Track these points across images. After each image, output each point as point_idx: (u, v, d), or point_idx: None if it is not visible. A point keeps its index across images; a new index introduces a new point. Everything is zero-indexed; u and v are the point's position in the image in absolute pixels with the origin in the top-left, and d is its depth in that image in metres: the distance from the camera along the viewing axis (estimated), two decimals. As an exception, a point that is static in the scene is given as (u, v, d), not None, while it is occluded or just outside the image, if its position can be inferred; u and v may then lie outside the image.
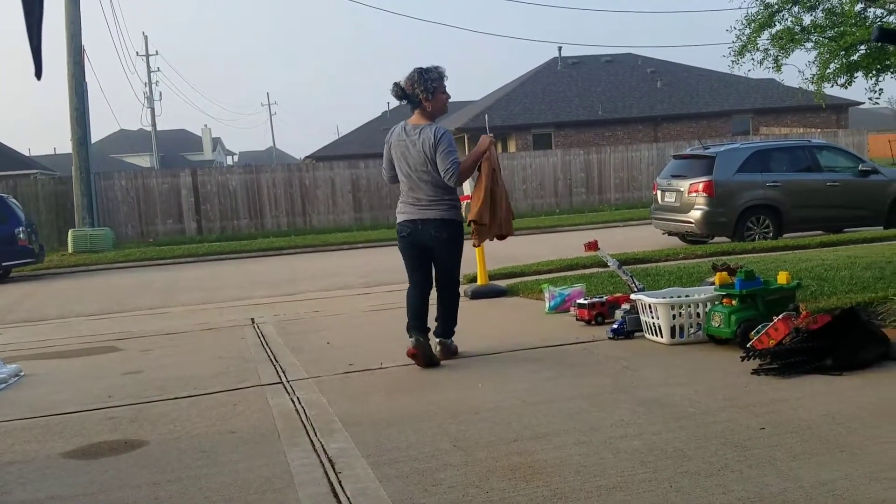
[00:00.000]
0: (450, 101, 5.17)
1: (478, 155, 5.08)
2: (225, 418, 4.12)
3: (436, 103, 4.95)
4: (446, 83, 4.99)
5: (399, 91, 4.93)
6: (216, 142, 74.28)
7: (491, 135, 5.30)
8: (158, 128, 47.98)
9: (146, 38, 66.26)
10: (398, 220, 5.19)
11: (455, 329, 5.22)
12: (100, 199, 20.90)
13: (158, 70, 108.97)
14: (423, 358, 4.89)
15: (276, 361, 5.50)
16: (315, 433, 3.74)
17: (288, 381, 4.85)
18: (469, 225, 5.15)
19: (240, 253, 17.27)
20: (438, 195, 4.96)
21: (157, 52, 79.09)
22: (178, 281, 12.81)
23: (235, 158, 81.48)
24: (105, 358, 6.15)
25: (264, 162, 56.10)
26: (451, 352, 5.17)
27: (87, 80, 19.61)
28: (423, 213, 4.99)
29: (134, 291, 11.58)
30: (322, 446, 3.54)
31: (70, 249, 18.65)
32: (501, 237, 5.30)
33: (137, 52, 53.87)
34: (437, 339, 5.11)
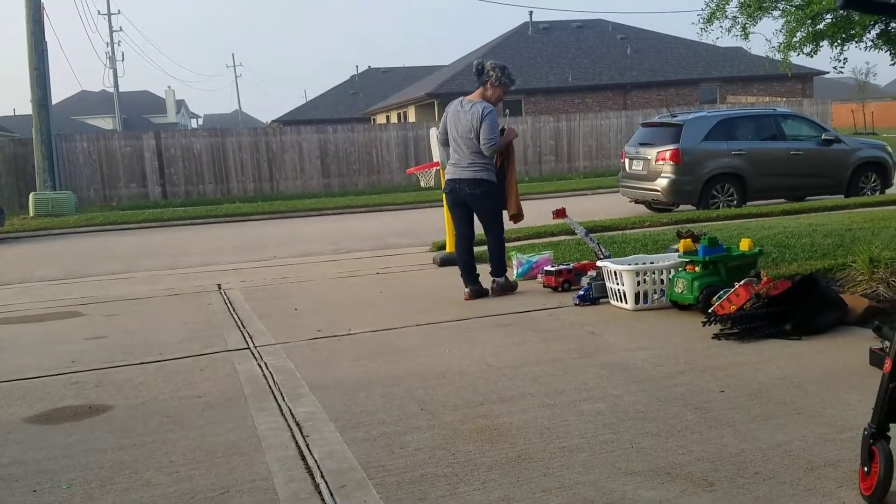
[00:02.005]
0: (505, 92, 6.11)
1: (508, 141, 6.15)
2: (191, 383, 4.11)
3: (495, 92, 6.02)
4: (510, 88, 6.13)
5: (480, 67, 6.00)
6: (180, 104, 72.92)
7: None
8: (121, 89, 46.94)
9: (107, -4, 64.50)
10: (445, 179, 6.22)
11: (506, 269, 6.21)
12: (61, 161, 20.43)
13: (121, 30, 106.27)
14: (473, 296, 6.04)
15: (244, 327, 5.48)
16: (283, 398, 3.75)
17: (255, 347, 4.84)
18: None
19: (205, 218, 17.04)
20: (475, 159, 5.96)
21: (119, 10, 77.11)
22: (142, 246, 12.63)
23: (200, 121, 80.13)
24: (68, 323, 6.07)
25: (230, 125, 55.21)
26: (505, 288, 6.12)
27: (46, 39, 19.05)
28: (461, 174, 6.02)
29: (97, 256, 11.40)
30: (290, 410, 3.55)
31: (31, 213, 18.27)
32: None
33: (99, 11, 52.50)
34: (492, 279, 6.13)
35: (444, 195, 6.44)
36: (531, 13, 36.96)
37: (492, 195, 6.06)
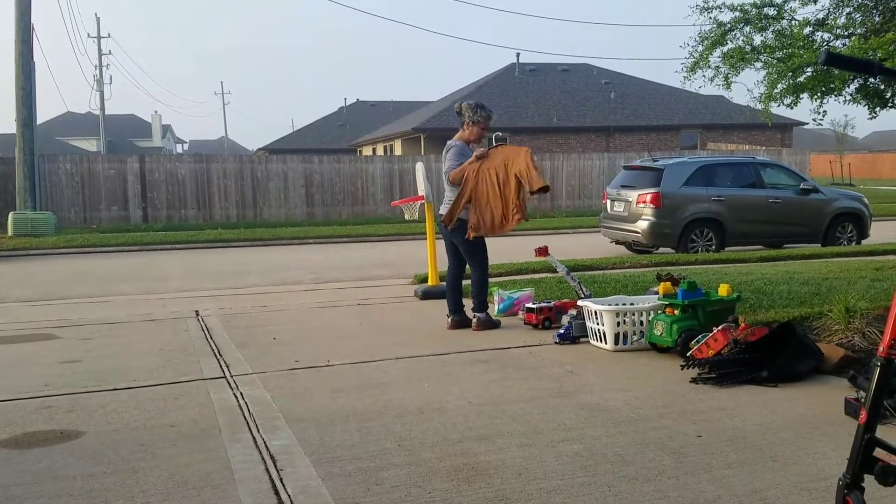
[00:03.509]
0: (484, 127, 6.27)
1: (465, 167, 6.11)
2: (165, 411, 4.05)
3: (472, 130, 6.27)
4: (489, 123, 6.27)
5: (459, 110, 6.29)
6: (166, 129, 72.83)
7: (501, 136, 6.50)
8: (107, 112, 46.80)
9: (98, 19, 64.93)
10: None
11: (487, 304, 6.32)
12: (43, 182, 20.28)
13: (110, 53, 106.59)
14: (455, 326, 6.21)
15: (220, 355, 5.42)
16: (258, 429, 3.71)
17: (231, 376, 4.79)
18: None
19: (186, 243, 16.93)
20: (449, 195, 6.24)
21: (108, 34, 77.24)
22: (121, 269, 12.51)
23: (186, 147, 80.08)
24: (42, 345, 5.98)
25: (216, 151, 55.23)
26: (486, 324, 6.17)
27: (34, 59, 19.01)
28: (441, 209, 6.37)
29: (75, 278, 11.27)
30: (264, 443, 3.51)
31: (10, 232, 18.07)
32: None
33: (88, 34, 52.55)
34: (473, 314, 6.22)
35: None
36: (518, 55, 37.26)
37: (461, 231, 6.18)
